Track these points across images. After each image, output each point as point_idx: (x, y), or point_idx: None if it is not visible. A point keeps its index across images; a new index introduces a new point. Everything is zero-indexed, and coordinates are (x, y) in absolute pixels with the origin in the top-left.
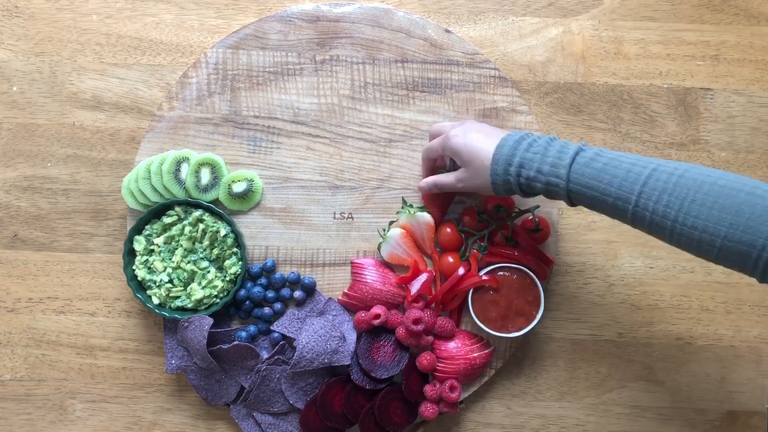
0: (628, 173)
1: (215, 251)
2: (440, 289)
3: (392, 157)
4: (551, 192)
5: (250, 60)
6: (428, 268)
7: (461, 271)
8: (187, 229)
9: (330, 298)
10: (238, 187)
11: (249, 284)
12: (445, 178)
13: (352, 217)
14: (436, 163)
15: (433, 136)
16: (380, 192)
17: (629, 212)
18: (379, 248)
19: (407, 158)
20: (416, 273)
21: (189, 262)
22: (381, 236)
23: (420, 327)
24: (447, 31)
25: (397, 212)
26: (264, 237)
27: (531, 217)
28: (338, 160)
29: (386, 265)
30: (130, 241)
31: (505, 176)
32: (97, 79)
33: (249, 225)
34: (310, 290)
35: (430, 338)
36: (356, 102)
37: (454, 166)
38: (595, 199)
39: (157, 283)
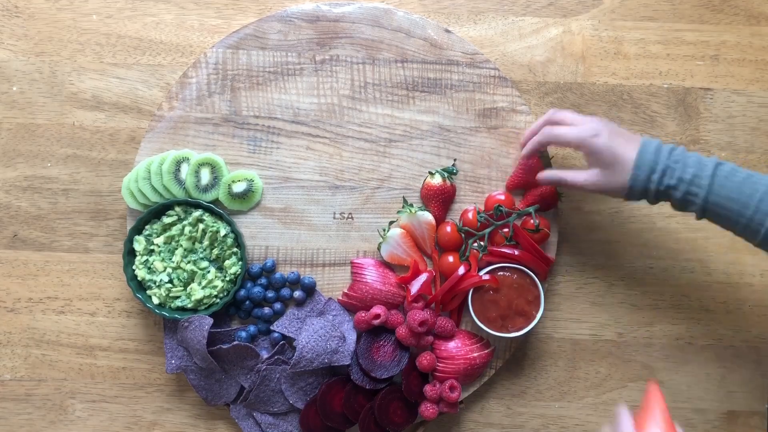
0: (766, 194)
1: (215, 251)
2: (440, 289)
3: (392, 157)
4: (687, 202)
5: (250, 60)
6: (428, 269)
7: (461, 271)
8: (187, 229)
9: (330, 298)
10: (238, 187)
11: (249, 284)
12: (575, 176)
13: (352, 217)
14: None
15: (531, 135)
16: (380, 192)
17: (760, 235)
18: (379, 248)
19: (407, 158)
20: (416, 273)
21: (189, 262)
22: (381, 236)
23: (425, 328)
24: (447, 31)
25: (398, 212)
26: (264, 237)
27: (531, 217)
28: (338, 160)
29: (386, 265)
30: (130, 241)
31: (646, 182)
32: (97, 79)
33: (249, 225)
34: (310, 290)
35: (430, 338)
36: (356, 102)
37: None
38: (731, 213)
39: (157, 283)
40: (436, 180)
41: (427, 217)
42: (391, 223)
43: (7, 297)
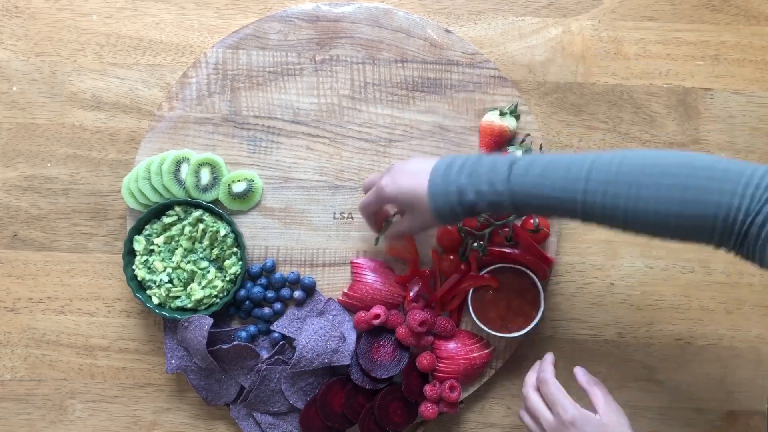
0: (567, 173)
1: (215, 251)
2: (440, 289)
3: (392, 157)
4: (497, 209)
5: (250, 60)
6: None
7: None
8: (187, 229)
9: (330, 298)
10: (238, 187)
11: (249, 284)
12: (401, 227)
13: (352, 217)
14: (378, 216)
15: (366, 190)
16: None
17: (578, 211)
18: (376, 242)
19: (407, 158)
20: (415, 273)
21: (189, 262)
22: (382, 228)
23: (425, 328)
24: (447, 31)
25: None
26: (264, 237)
27: (531, 217)
28: (338, 160)
29: (386, 265)
30: (130, 241)
31: (448, 208)
32: (97, 79)
33: (249, 225)
34: (310, 290)
35: (430, 338)
36: (356, 102)
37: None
38: (542, 206)
39: (157, 283)
40: (501, 121)
41: None
42: (394, 214)
43: (7, 297)
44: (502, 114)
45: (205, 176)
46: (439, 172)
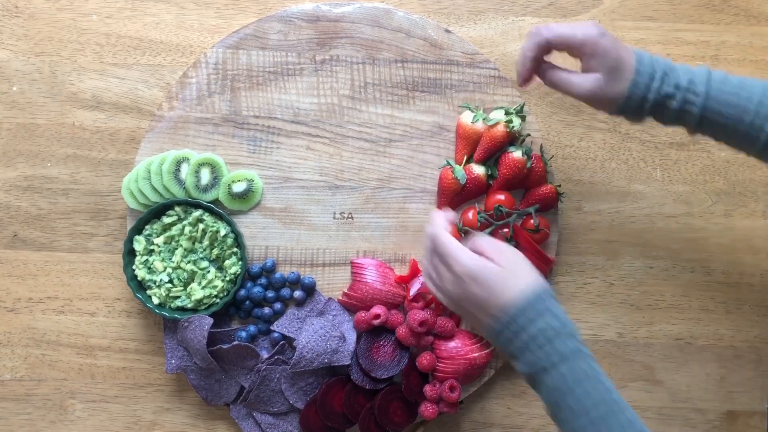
0: (766, 91)
1: (215, 251)
2: None
3: (392, 157)
4: (683, 111)
5: (250, 60)
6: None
7: None
8: (187, 229)
9: (330, 298)
10: (238, 187)
11: (249, 284)
12: (581, 82)
13: (352, 217)
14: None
15: (535, 35)
16: (380, 192)
17: (762, 140)
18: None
19: (407, 158)
20: (415, 273)
21: (189, 262)
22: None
23: (425, 328)
24: (447, 31)
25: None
26: (264, 237)
27: (531, 218)
28: (338, 160)
29: (386, 265)
30: (130, 241)
31: (646, 90)
32: (97, 79)
33: (249, 225)
34: (310, 290)
35: (430, 338)
36: (356, 102)
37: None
38: (729, 119)
39: (157, 283)
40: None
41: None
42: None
43: (7, 297)
44: (507, 113)
45: (205, 176)
46: (647, 56)
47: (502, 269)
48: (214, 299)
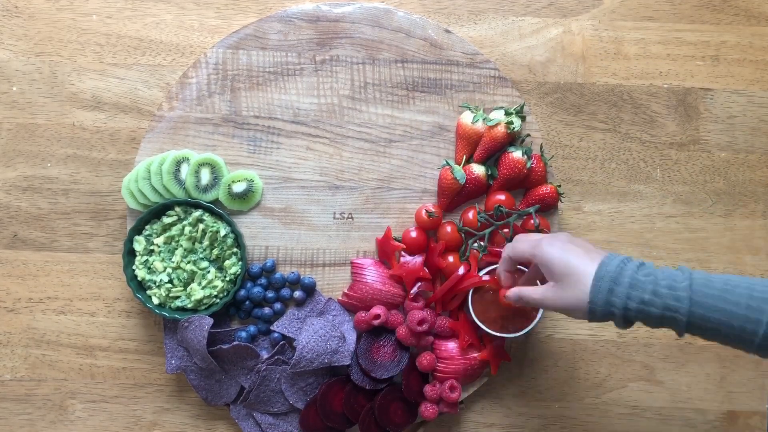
0: (752, 293)
1: (215, 251)
2: (440, 289)
3: (392, 157)
4: (667, 318)
5: (250, 60)
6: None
7: (461, 270)
8: (187, 229)
9: (330, 298)
10: (238, 187)
11: (249, 284)
12: (532, 293)
13: (352, 217)
14: (514, 267)
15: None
16: (380, 192)
17: (759, 335)
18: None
19: (407, 158)
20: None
21: (189, 262)
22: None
23: (424, 327)
24: (447, 31)
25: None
26: (264, 237)
27: (531, 218)
28: (338, 160)
29: (386, 266)
30: (130, 241)
31: (608, 299)
32: (97, 79)
33: (249, 225)
34: (310, 290)
35: (430, 338)
36: (356, 102)
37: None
38: (720, 325)
39: (157, 284)
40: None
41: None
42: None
43: (7, 297)
44: (507, 113)
45: (205, 176)
46: (615, 261)
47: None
48: (214, 299)
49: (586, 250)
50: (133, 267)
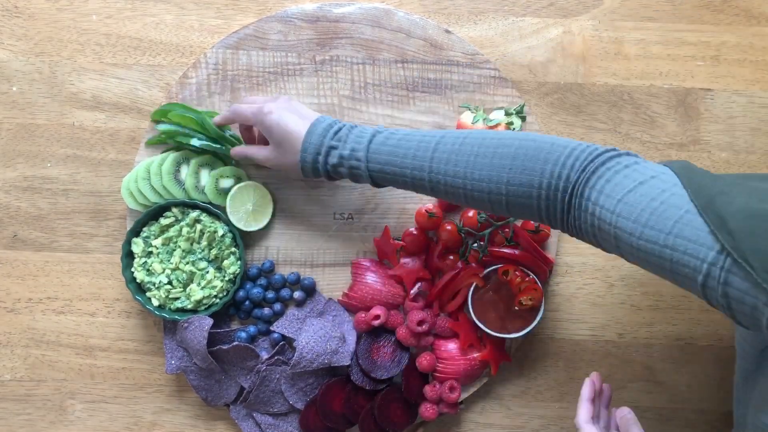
0: (420, 144)
1: (213, 251)
2: (437, 284)
3: None
4: (355, 175)
5: (250, 60)
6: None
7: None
8: (185, 230)
9: (330, 299)
10: (225, 183)
11: (248, 285)
12: (256, 152)
13: (352, 218)
14: (243, 131)
15: (236, 110)
16: (380, 192)
17: (426, 180)
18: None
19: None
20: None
21: (188, 263)
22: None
23: (424, 327)
24: (447, 31)
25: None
26: (264, 237)
27: None
28: None
29: (387, 266)
30: (128, 243)
31: (314, 163)
32: (97, 79)
33: None
34: (309, 291)
35: (430, 338)
36: (356, 102)
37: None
38: (395, 175)
39: (156, 285)
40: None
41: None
42: None
43: (7, 297)
44: (507, 114)
45: (205, 177)
46: (318, 129)
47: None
48: (214, 299)
49: (300, 117)
50: (132, 269)
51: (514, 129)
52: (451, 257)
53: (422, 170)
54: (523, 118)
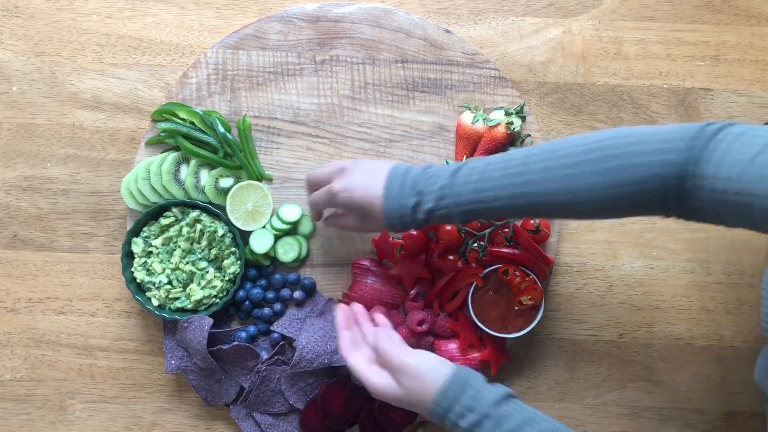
0: (505, 171)
1: (213, 251)
2: (438, 284)
3: (392, 158)
4: (446, 221)
5: (250, 60)
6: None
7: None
8: (185, 229)
9: (330, 299)
10: (225, 182)
11: (248, 285)
12: (346, 222)
13: None
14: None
15: (312, 186)
16: None
17: (524, 206)
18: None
19: (407, 158)
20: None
21: (188, 262)
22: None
23: (424, 327)
24: (447, 31)
25: None
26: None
27: (531, 218)
28: (338, 160)
29: (387, 266)
30: (128, 243)
31: (403, 226)
32: (97, 79)
33: None
34: (310, 291)
35: (430, 338)
36: (356, 102)
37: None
38: (489, 209)
39: (156, 285)
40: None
41: None
42: None
43: (7, 297)
44: (507, 114)
45: (205, 177)
46: (395, 184)
47: (405, 390)
48: (214, 299)
49: (368, 183)
50: (132, 269)
51: (514, 129)
52: (451, 257)
53: (517, 197)
54: (523, 118)
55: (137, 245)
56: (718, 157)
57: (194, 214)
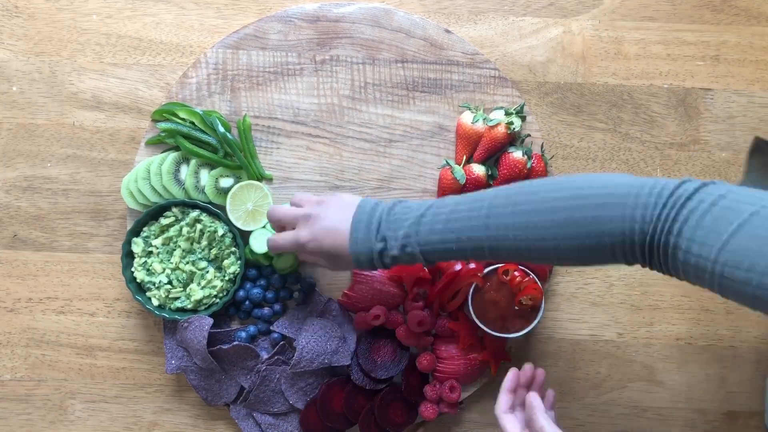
0: (470, 215)
1: (213, 251)
2: (438, 284)
3: (392, 157)
4: (411, 263)
5: (250, 60)
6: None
7: (458, 267)
8: (185, 229)
9: (330, 299)
10: (225, 182)
11: (248, 285)
12: (321, 263)
13: None
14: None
15: (275, 222)
16: (380, 192)
17: (486, 251)
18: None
19: (407, 158)
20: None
21: (188, 262)
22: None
23: (424, 328)
24: (447, 31)
25: None
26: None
27: None
28: (338, 160)
29: None
30: (128, 243)
31: (370, 267)
32: (97, 79)
33: None
34: (310, 291)
35: (430, 338)
36: (356, 102)
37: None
38: (451, 252)
39: (157, 285)
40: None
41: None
42: None
43: (7, 297)
44: (507, 114)
45: (205, 177)
46: (361, 227)
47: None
48: (214, 299)
49: (334, 230)
50: (132, 269)
51: (514, 128)
52: None
53: (478, 249)
54: (523, 118)
55: (137, 245)
56: (690, 233)
57: (194, 214)
